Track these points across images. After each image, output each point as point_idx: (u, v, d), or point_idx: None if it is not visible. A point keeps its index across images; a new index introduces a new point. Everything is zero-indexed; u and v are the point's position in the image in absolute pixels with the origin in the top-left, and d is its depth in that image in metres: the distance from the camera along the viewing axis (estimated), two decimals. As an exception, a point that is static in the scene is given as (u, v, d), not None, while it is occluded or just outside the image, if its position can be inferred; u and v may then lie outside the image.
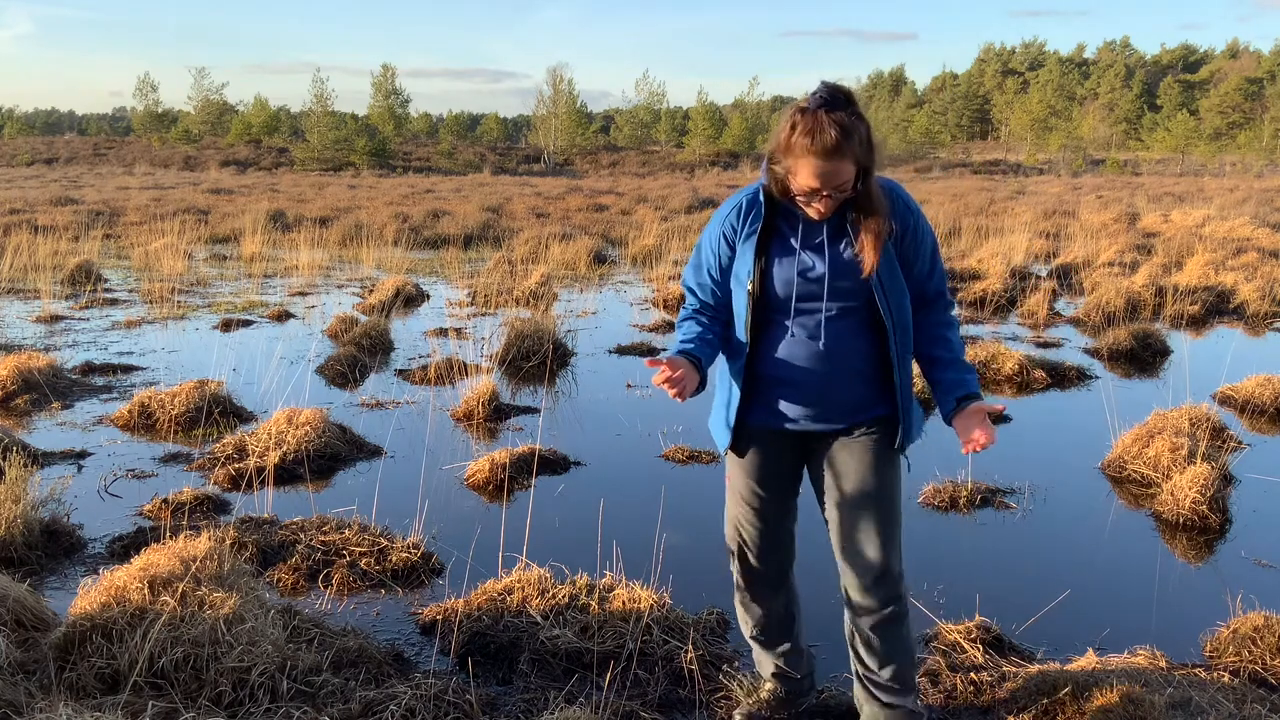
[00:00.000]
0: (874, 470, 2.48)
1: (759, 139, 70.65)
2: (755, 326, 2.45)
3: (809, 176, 2.24)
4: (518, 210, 22.55)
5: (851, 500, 2.49)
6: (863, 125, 2.22)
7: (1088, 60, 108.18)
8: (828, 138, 2.18)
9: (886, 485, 2.49)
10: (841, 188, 2.26)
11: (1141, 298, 10.32)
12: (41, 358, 6.85)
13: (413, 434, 5.84)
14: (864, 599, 2.52)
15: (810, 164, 2.22)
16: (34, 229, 16.08)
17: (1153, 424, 5.36)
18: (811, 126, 2.20)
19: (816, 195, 2.27)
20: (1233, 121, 70.38)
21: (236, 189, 30.56)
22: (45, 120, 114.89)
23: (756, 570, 2.66)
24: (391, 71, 71.94)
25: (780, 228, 2.41)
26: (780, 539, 2.65)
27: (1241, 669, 3.15)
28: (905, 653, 2.58)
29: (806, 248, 2.38)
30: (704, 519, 4.49)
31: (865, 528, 2.48)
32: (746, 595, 2.72)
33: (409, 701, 2.74)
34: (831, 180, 2.23)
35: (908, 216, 2.40)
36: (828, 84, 2.24)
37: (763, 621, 2.73)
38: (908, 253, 2.43)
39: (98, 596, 2.99)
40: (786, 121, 2.26)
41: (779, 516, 2.63)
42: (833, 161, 2.20)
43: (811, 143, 2.20)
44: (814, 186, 2.25)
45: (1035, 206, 23.83)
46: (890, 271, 2.39)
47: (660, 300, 10.69)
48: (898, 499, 2.53)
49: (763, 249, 2.40)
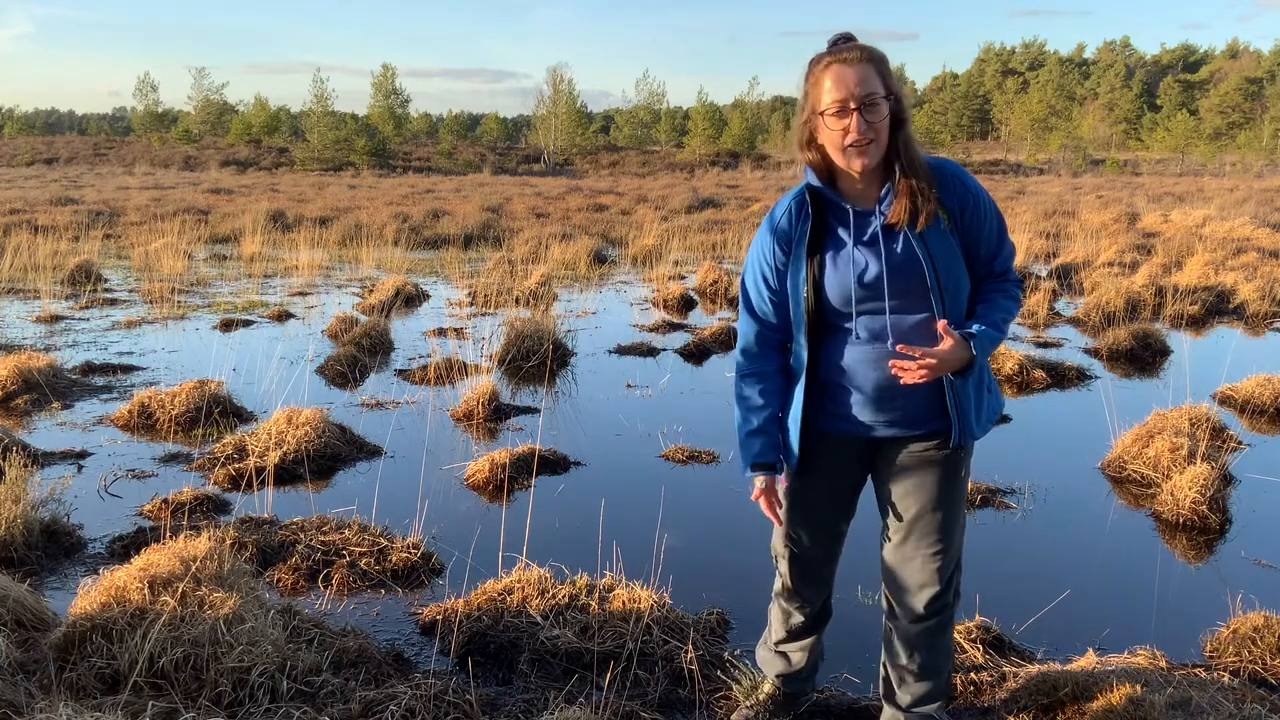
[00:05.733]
0: (940, 476, 2.38)
1: (759, 139, 70.76)
2: (814, 331, 2.34)
3: (834, 87, 2.15)
4: (518, 210, 22.55)
5: (916, 509, 2.40)
6: (885, 56, 2.21)
7: (1088, 60, 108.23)
8: (847, 45, 2.20)
9: (953, 493, 2.41)
10: (873, 102, 2.15)
11: (1141, 298, 10.32)
12: (41, 358, 6.85)
13: (413, 434, 5.84)
14: (913, 609, 2.46)
15: (834, 72, 2.17)
16: (34, 229, 16.09)
17: (1152, 424, 5.36)
18: (830, 47, 2.23)
19: (846, 111, 2.15)
20: (1233, 121, 70.40)
21: (236, 189, 30.55)
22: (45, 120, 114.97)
23: (805, 575, 2.60)
24: (391, 71, 72.04)
25: (831, 225, 2.30)
26: (836, 545, 2.60)
27: (1241, 669, 3.15)
28: (945, 660, 2.55)
29: (860, 243, 2.26)
30: (704, 519, 4.49)
31: (928, 539, 2.40)
32: (789, 596, 2.66)
33: (409, 701, 2.74)
34: (859, 84, 2.14)
35: (964, 192, 2.27)
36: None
37: (801, 620, 2.68)
38: (970, 231, 2.29)
39: (98, 596, 2.99)
40: (807, 67, 2.26)
41: (837, 523, 2.56)
42: (855, 67, 2.15)
43: (832, 54, 2.20)
44: (840, 98, 2.15)
45: (1035, 206, 23.82)
46: (948, 260, 2.25)
47: (660, 300, 10.69)
48: (962, 507, 2.45)
49: (815, 249, 2.29)
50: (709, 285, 11.43)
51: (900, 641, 2.52)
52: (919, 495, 2.40)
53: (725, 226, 18.67)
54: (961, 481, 2.43)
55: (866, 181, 2.27)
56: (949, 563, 2.43)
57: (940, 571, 2.42)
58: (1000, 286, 2.36)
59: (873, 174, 2.26)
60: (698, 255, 15.43)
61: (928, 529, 2.40)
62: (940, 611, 2.46)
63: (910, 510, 2.41)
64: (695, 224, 19.04)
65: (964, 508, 2.46)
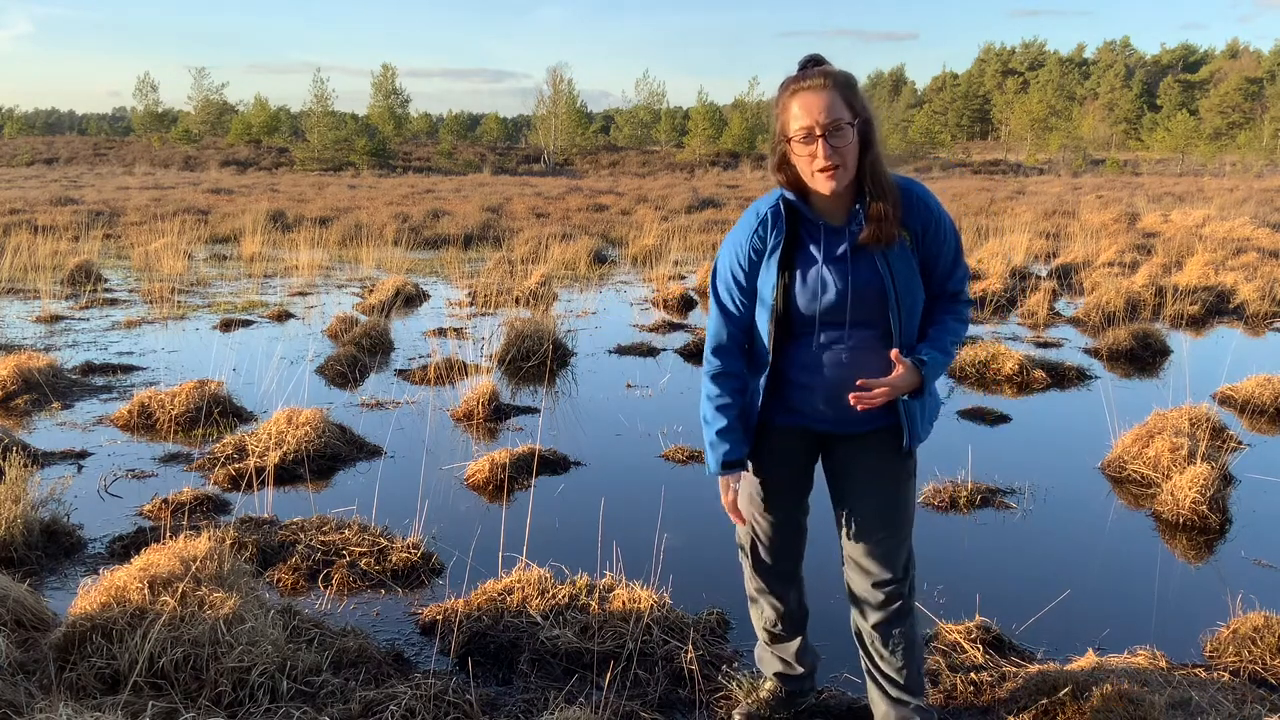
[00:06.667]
0: (888, 471, 2.48)
1: (759, 139, 70.62)
2: (779, 334, 2.43)
3: (801, 113, 2.23)
4: (518, 210, 22.55)
5: (866, 500, 2.50)
6: (852, 78, 2.27)
7: (1088, 60, 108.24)
8: (812, 72, 2.26)
9: (900, 486, 2.50)
10: (838, 128, 2.21)
11: (1141, 298, 10.33)
12: (41, 358, 6.85)
13: (413, 434, 5.84)
14: (871, 597, 2.52)
15: (800, 98, 2.24)
16: (34, 229, 16.09)
17: (1152, 424, 5.36)
18: (799, 71, 2.30)
19: (812, 138, 2.22)
20: (1233, 121, 70.41)
21: (236, 189, 30.55)
22: (45, 120, 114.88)
23: (770, 566, 2.67)
24: (391, 71, 72.02)
25: (802, 238, 2.39)
26: (793, 535, 2.65)
27: (1241, 669, 3.15)
28: (911, 650, 2.58)
29: (829, 260, 2.35)
30: (704, 519, 4.49)
31: (878, 527, 2.49)
32: (759, 592, 2.72)
33: (409, 701, 2.74)
34: (824, 113, 2.21)
35: (927, 215, 2.36)
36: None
37: (776, 618, 2.73)
38: (929, 251, 2.39)
39: (98, 596, 2.99)
40: (778, 91, 2.33)
41: (793, 513, 2.63)
42: (820, 93, 2.22)
43: (798, 80, 2.26)
44: (805, 125, 2.22)
45: (1035, 206, 23.83)
46: (908, 279, 2.35)
47: (660, 300, 10.69)
48: (910, 499, 2.54)
49: (786, 263, 2.38)
50: (709, 285, 11.41)
51: (866, 634, 2.58)
52: (870, 489, 2.50)
53: (725, 226, 18.66)
54: (910, 476, 2.53)
55: (836, 199, 2.36)
56: (902, 552, 2.52)
57: (892, 560, 2.50)
58: (952, 309, 2.48)
59: (842, 193, 2.34)
60: (698, 255, 15.43)
61: (880, 522, 2.49)
62: (898, 599, 2.52)
63: (862, 504, 2.50)
64: (695, 224, 19.05)
65: (913, 500, 2.56)
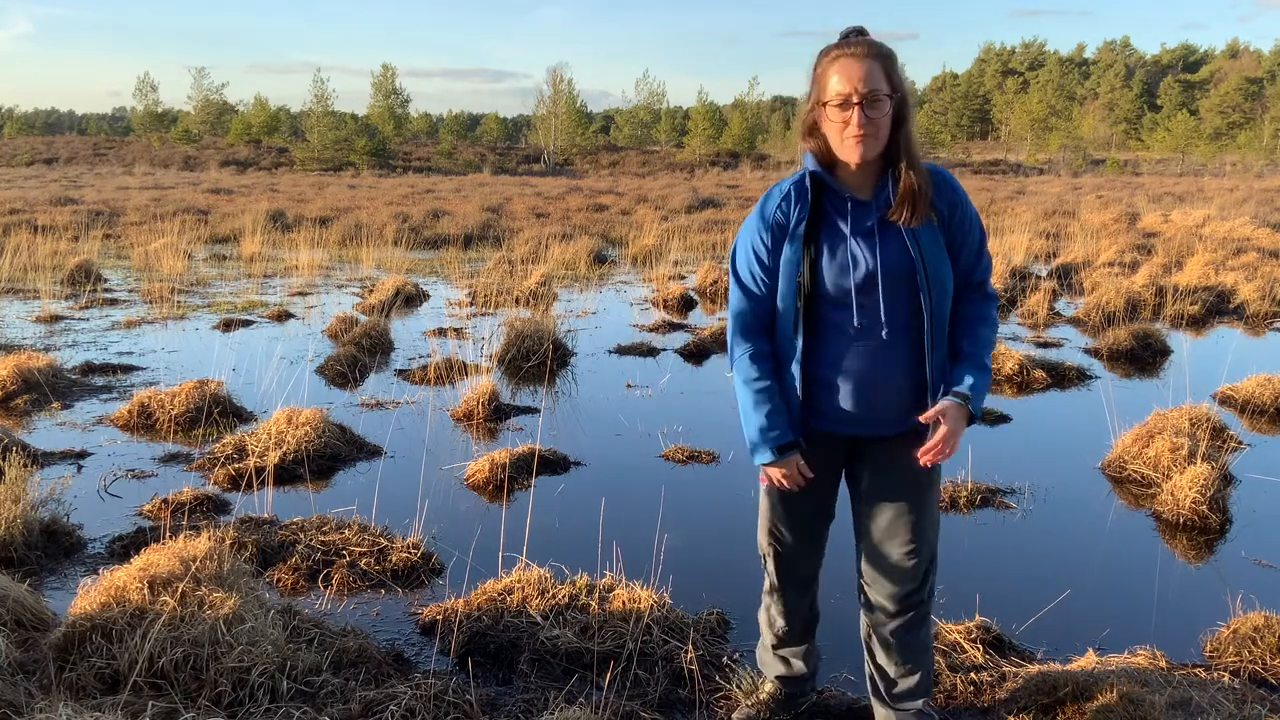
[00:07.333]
0: (916, 479, 2.43)
1: (759, 139, 70.67)
2: (807, 321, 2.35)
3: (840, 80, 2.21)
4: (518, 210, 22.54)
5: (893, 507, 2.44)
6: (894, 53, 2.25)
7: (1088, 60, 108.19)
8: (855, 41, 2.24)
9: (927, 492, 2.45)
10: (875, 99, 2.19)
11: (1141, 298, 10.32)
12: (41, 358, 6.85)
13: (413, 434, 5.84)
14: (890, 605, 2.49)
15: (840, 65, 2.22)
16: (34, 229, 16.09)
17: (1153, 424, 5.36)
18: (840, 40, 2.28)
19: (848, 105, 2.19)
20: (1233, 121, 70.37)
21: (236, 189, 30.55)
22: (45, 120, 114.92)
23: (792, 575, 2.64)
24: (391, 71, 72.03)
25: (828, 212, 2.33)
26: (817, 544, 2.62)
27: (1241, 669, 3.15)
28: (924, 655, 2.57)
29: (857, 234, 2.30)
30: (704, 519, 4.49)
31: (903, 536, 2.44)
32: (776, 599, 2.69)
33: (409, 702, 2.74)
34: (863, 81, 2.18)
35: (954, 197, 2.34)
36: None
37: (789, 623, 2.70)
38: (954, 236, 2.35)
39: (98, 596, 2.99)
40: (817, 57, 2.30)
41: (819, 521, 2.59)
42: (862, 62, 2.20)
43: (840, 47, 2.25)
44: (843, 91, 2.19)
45: (1035, 206, 23.82)
46: (937, 258, 2.30)
47: (660, 300, 10.69)
48: (936, 506, 2.49)
49: (811, 237, 2.32)
50: (709, 285, 11.43)
51: (879, 639, 2.55)
52: (894, 494, 2.45)
53: (725, 226, 18.67)
54: (935, 480, 2.48)
55: (863, 173, 2.31)
56: (924, 560, 2.47)
57: (915, 569, 2.46)
58: (981, 312, 2.42)
59: (870, 166, 2.30)
60: (698, 255, 15.42)
61: (903, 527, 2.44)
62: (916, 607, 2.50)
63: (886, 509, 2.46)
64: (695, 224, 19.04)
65: (938, 505, 2.51)
